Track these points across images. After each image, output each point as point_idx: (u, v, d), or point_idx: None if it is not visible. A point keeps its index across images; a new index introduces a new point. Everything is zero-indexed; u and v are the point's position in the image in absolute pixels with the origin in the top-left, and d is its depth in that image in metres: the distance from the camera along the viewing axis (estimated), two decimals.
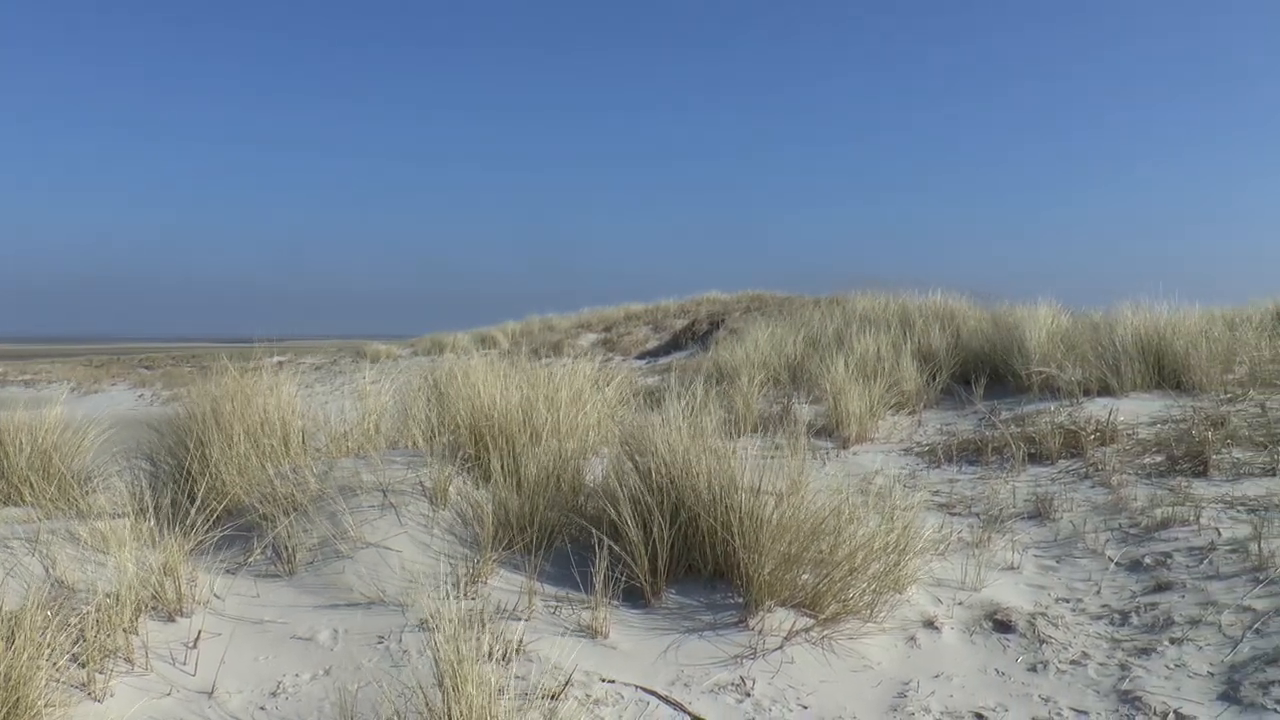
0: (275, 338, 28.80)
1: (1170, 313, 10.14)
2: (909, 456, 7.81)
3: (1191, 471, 6.53)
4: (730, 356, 11.48)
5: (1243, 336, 10.10)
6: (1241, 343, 9.88)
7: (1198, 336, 9.39)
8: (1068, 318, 11.16)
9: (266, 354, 8.28)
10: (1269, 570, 4.75)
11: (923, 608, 4.68)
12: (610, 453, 5.52)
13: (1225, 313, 11.88)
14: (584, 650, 3.94)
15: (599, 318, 32.43)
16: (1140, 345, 9.38)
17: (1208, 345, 9.28)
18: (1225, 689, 3.86)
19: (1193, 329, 9.57)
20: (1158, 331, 9.51)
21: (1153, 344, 9.40)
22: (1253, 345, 9.90)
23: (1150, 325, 9.66)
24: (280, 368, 6.93)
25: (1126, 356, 9.24)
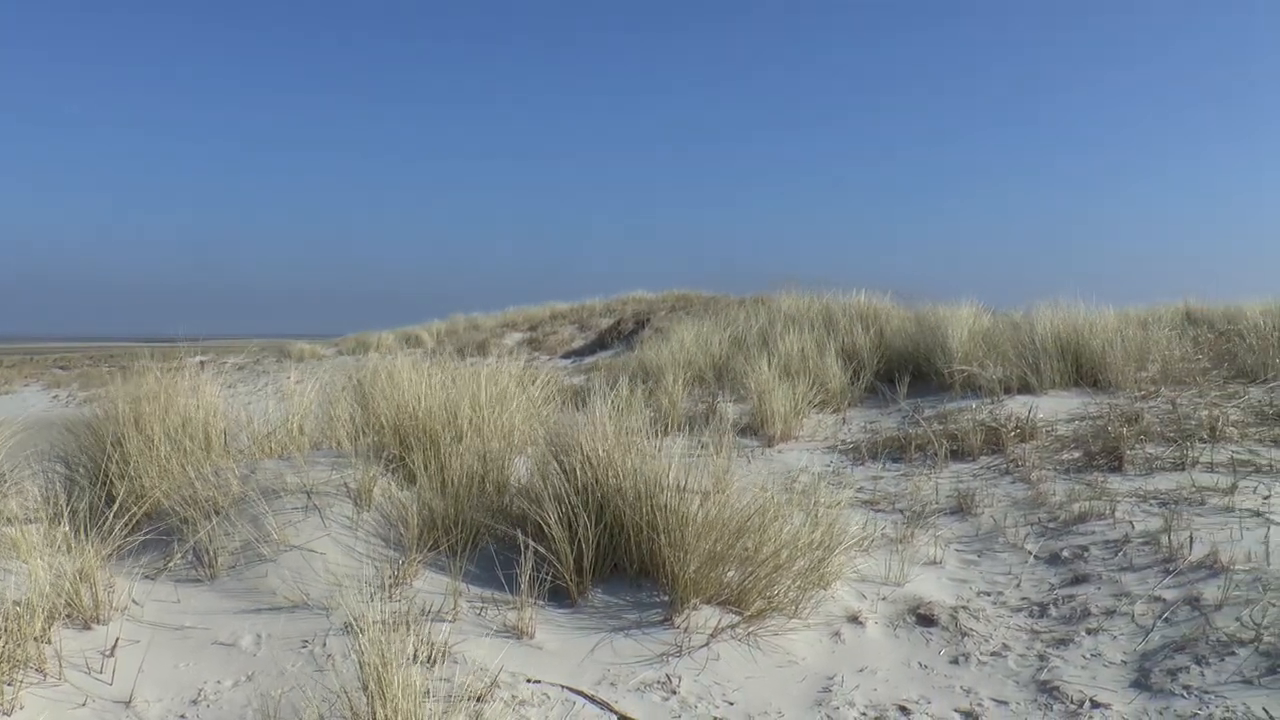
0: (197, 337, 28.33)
1: (1087, 313, 10.35)
2: (834, 454, 7.89)
3: (1107, 467, 6.67)
4: (656, 356, 11.51)
5: (1155, 336, 10.33)
6: (1154, 342, 10.10)
7: (1113, 336, 9.60)
8: (989, 317, 11.33)
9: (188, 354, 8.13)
10: (1178, 561, 4.88)
11: (847, 603, 4.73)
12: (535, 452, 5.51)
13: (1139, 313, 12.15)
14: (510, 651, 3.93)
15: (524, 317, 32.35)
16: (1059, 344, 9.56)
17: (1123, 344, 9.48)
18: (1137, 676, 3.97)
19: (1109, 329, 9.78)
20: (1076, 331, 9.70)
21: (1071, 343, 9.59)
22: (1164, 344, 10.13)
23: (1068, 325, 9.85)
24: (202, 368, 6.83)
25: (1046, 355, 9.41)
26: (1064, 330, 9.73)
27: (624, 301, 31.41)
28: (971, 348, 10.01)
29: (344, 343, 31.00)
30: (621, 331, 25.76)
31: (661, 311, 26.75)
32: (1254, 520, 5.33)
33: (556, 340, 27.94)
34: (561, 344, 27.40)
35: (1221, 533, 5.16)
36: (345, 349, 29.74)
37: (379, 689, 2.98)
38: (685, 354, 11.42)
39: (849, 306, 12.94)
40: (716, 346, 11.84)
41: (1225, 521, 5.35)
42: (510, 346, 26.08)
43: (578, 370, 17.66)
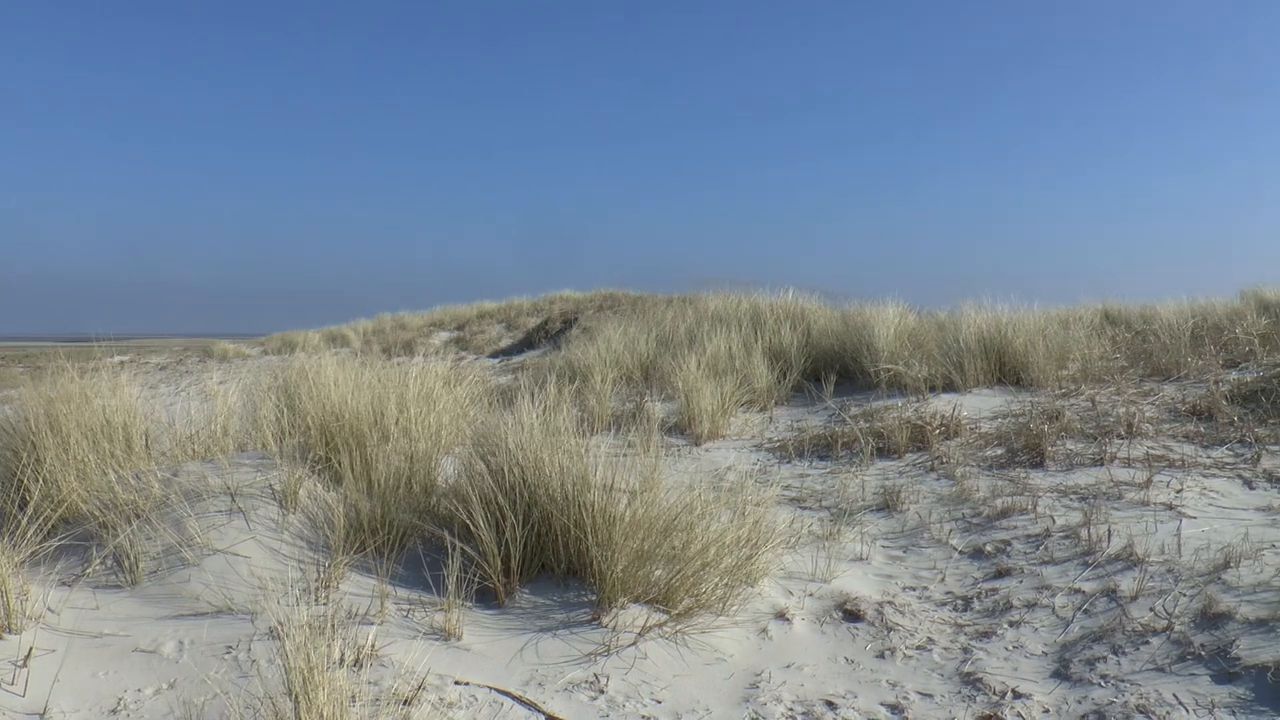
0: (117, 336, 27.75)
1: (1010, 313, 10.54)
2: (761, 452, 7.94)
3: (1029, 463, 6.80)
4: (583, 355, 11.50)
5: (1075, 335, 10.55)
6: (1074, 341, 10.31)
7: (1035, 335, 9.78)
8: (914, 317, 11.48)
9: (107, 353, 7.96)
10: (1097, 555, 5.00)
11: (774, 600, 4.76)
12: (463, 453, 5.48)
13: (1060, 313, 12.40)
14: (437, 653, 3.90)
15: (452, 316, 32.13)
16: (983, 343, 9.72)
17: (1044, 344, 9.66)
18: (1057, 667, 4.05)
19: (1031, 328, 9.96)
20: (999, 330, 9.87)
21: (994, 342, 9.75)
22: (1084, 344, 10.34)
23: (992, 324, 10.02)
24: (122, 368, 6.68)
25: (970, 354, 9.56)
26: (987, 330, 9.90)
27: (551, 301, 31.32)
28: (897, 347, 10.13)
29: (269, 342, 30.54)
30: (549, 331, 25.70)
31: (589, 311, 26.73)
32: (1167, 514, 5.47)
33: (484, 339, 27.79)
34: (489, 343, 27.26)
35: (1137, 526, 5.29)
36: (271, 348, 29.31)
37: (304, 694, 2.94)
38: (613, 353, 11.44)
39: (776, 306, 13.03)
40: (644, 346, 11.87)
41: (1141, 515, 5.48)
42: (438, 346, 25.89)
43: (505, 369, 17.60)
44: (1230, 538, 4.99)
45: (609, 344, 11.85)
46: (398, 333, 30.08)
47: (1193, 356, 9.59)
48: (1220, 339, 10.57)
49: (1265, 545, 4.85)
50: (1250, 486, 5.97)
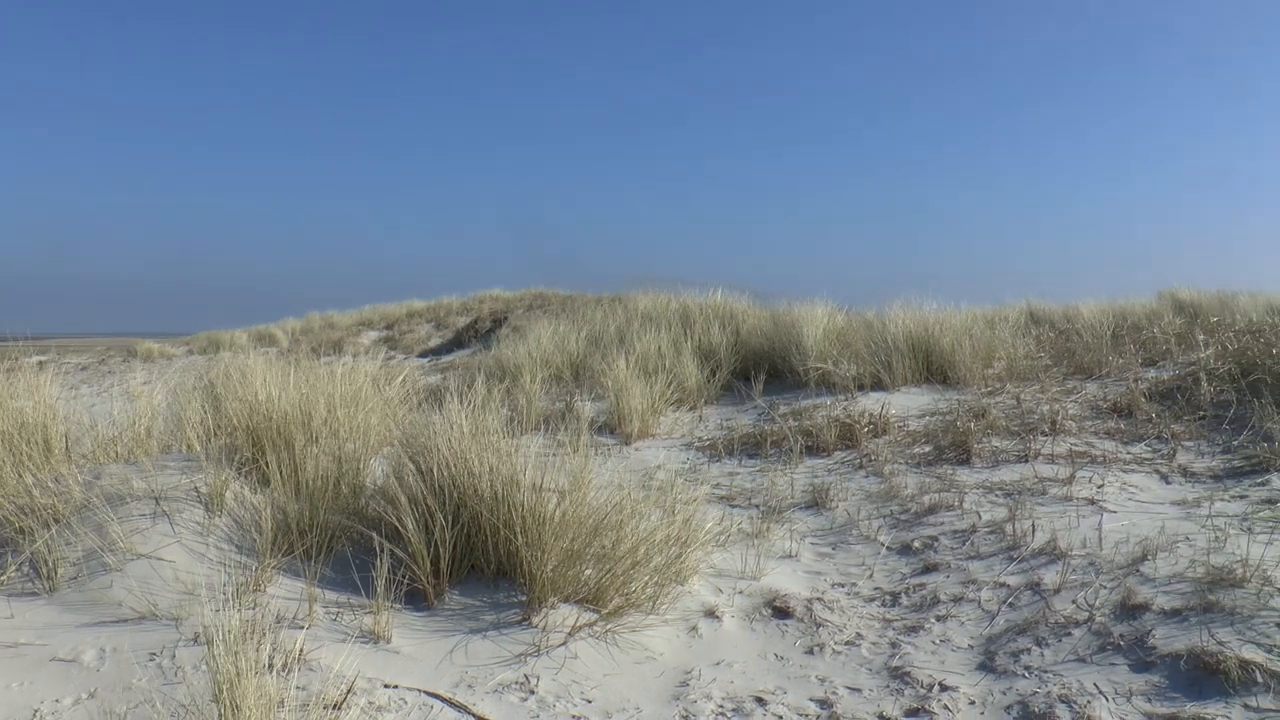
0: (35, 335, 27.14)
1: (937, 312, 10.69)
2: (691, 451, 7.97)
3: (956, 459, 6.89)
4: (513, 354, 11.48)
5: (1001, 335, 10.72)
6: (1000, 340, 10.48)
7: (962, 335, 9.92)
8: (843, 316, 11.60)
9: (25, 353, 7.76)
10: (1022, 549, 5.08)
11: (704, 598, 4.78)
12: (392, 453, 5.44)
13: (985, 313, 12.62)
14: (366, 656, 3.87)
15: (381, 315, 31.90)
16: (910, 343, 9.84)
17: (971, 343, 9.80)
18: (983, 660, 4.11)
19: (957, 328, 10.10)
20: (926, 330, 9.99)
21: (922, 341, 9.88)
22: (1009, 343, 10.52)
23: (919, 324, 10.15)
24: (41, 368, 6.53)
25: (898, 353, 9.67)
26: (915, 329, 10.02)
27: (481, 300, 31.20)
28: (826, 346, 10.22)
29: (195, 341, 30.05)
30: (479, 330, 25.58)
31: (519, 310, 26.65)
32: (1089, 508, 5.58)
33: (413, 339, 27.60)
34: (418, 342, 27.07)
35: (1061, 521, 5.39)
36: (196, 348, 28.84)
37: (231, 700, 2.90)
38: (543, 352, 11.43)
39: (706, 306, 13.10)
40: (574, 345, 11.87)
41: (1064, 510, 5.58)
42: (367, 345, 25.67)
43: (435, 369, 17.48)
44: (1148, 531, 5.10)
45: (539, 343, 11.83)
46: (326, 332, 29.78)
47: (1113, 355, 9.79)
48: (1139, 338, 10.81)
49: (1180, 538, 4.96)
50: (1167, 481, 6.11)
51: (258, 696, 2.91)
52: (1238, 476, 6.04)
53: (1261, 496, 5.58)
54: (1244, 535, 4.91)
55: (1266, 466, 6.04)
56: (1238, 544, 4.77)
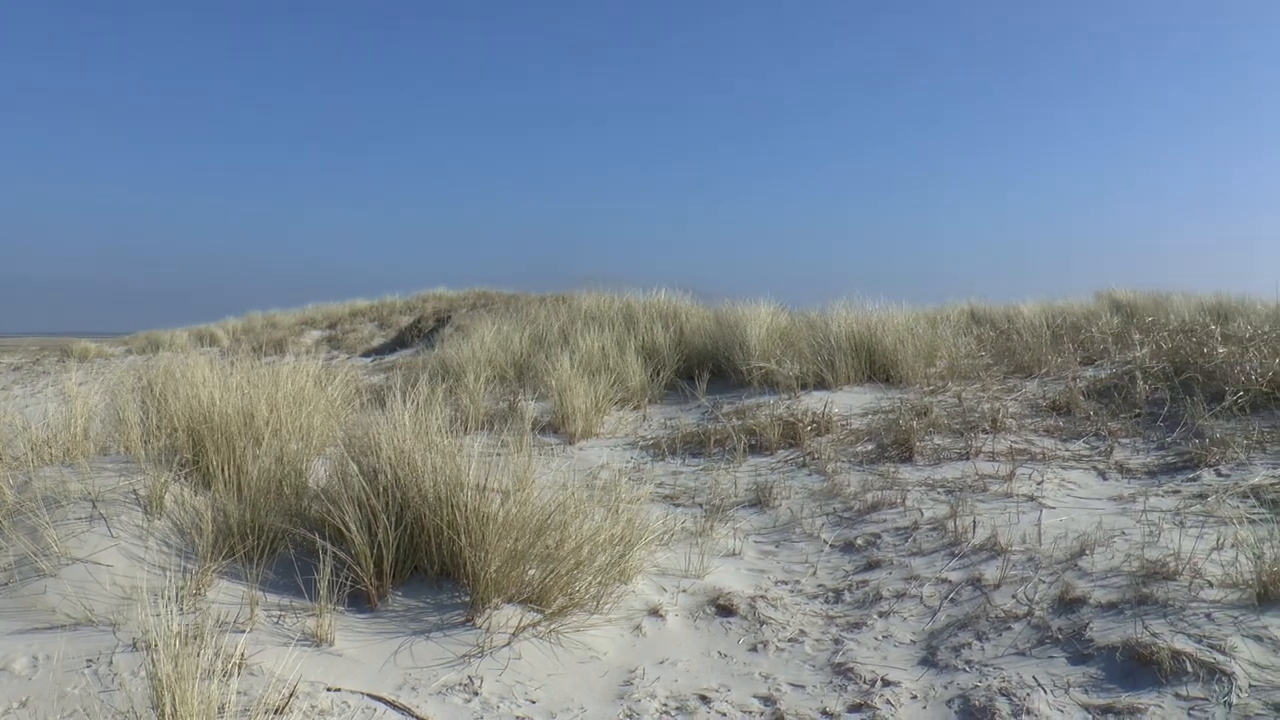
0: None
1: (880, 312, 10.77)
2: (634, 450, 7.98)
3: (898, 457, 6.95)
4: (457, 354, 11.44)
5: (943, 334, 10.83)
6: (942, 339, 10.58)
7: (904, 334, 10.00)
8: (786, 316, 11.65)
9: None
10: (963, 545, 5.14)
11: (648, 597, 4.78)
12: (335, 454, 5.39)
13: (928, 312, 12.75)
14: (309, 659, 3.83)
15: (324, 314, 31.59)
16: (853, 342, 9.90)
17: (913, 342, 9.89)
18: (925, 654, 4.15)
19: (900, 327, 10.18)
20: (869, 329, 10.07)
21: (864, 341, 9.95)
22: (951, 342, 10.62)
23: (862, 323, 10.22)
24: None
25: (841, 352, 9.73)
26: (858, 328, 10.09)
27: (425, 299, 30.99)
28: (769, 345, 10.26)
29: (134, 341, 29.59)
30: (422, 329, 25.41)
31: (463, 309, 26.51)
32: (1029, 504, 5.66)
33: (356, 338, 27.37)
34: (362, 342, 26.85)
35: (1001, 517, 5.45)
36: (135, 348, 28.40)
37: (171, 706, 2.86)
38: (486, 352, 11.39)
39: (649, 305, 13.11)
40: (518, 344, 11.84)
41: (1004, 506, 5.65)
42: (309, 345, 25.40)
43: (378, 368, 17.35)
44: (1086, 526, 5.18)
45: (482, 342, 11.79)
46: (269, 331, 29.45)
47: (1053, 354, 9.92)
48: (1078, 337, 10.95)
49: (1116, 533, 5.04)
50: (1104, 477, 6.20)
51: (198, 702, 2.87)
52: (1171, 472, 6.15)
53: (1193, 491, 5.69)
54: (1177, 529, 5.01)
55: (1198, 462, 6.16)
56: (1171, 538, 4.86)
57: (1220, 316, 11.83)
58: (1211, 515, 5.20)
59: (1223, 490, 5.60)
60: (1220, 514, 5.17)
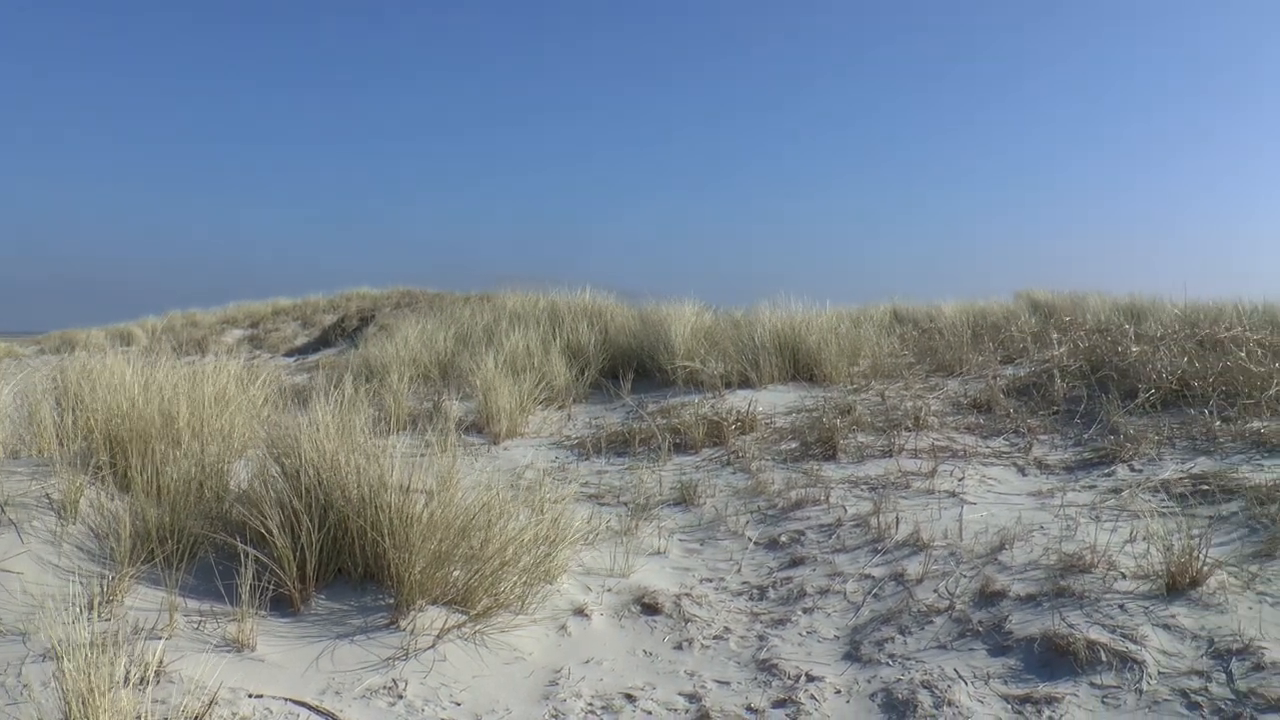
0: None
1: (804, 312, 10.84)
2: (559, 450, 7.96)
3: (822, 455, 7.01)
4: (381, 353, 11.33)
5: (866, 333, 10.94)
6: (865, 339, 10.69)
7: (828, 333, 10.08)
8: (711, 315, 11.69)
9: None
10: (886, 541, 5.20)
11: (573, 596, 4.78)
12: (256, 455, 5.31)
13: (851, 312, 12.86)
14: (230, 665, 3.76)
15: (246, 313, 31.05)
16: (777, 341, 9.96)
17: (837, 341, 9.98)
18: (849, 649, 4.20)
19: (824, 326, 10.27)
20: (793, 328, 10.13)
21: (789, 340, 10.01)
22: (874, 341, 10.73)
23: (786, 323, 10.28)
24: None
25: (765, 351, 9.78)
26: (782, 328, 10.15)
27: (348, 298, 30.59)
28: (694, 344, 10.29)
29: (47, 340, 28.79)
30: (346, 328, 25.12)
31: (387, 308, 26.26)
32: (950, 501, 5.74)
33: (279, 337, 26.99)
34: (284, 341, 26.48)
35: (923, 513, 5.53)
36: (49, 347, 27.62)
37: (84, 717, 2.79)
38: (410, 351, 11.30)
39: (574, 304, 13.09)
40: (442, 344, 11.75)
41: (926, 503, 5.73)
42: (231, 344, 25.01)
43: (301, 368, 17.12)
44: (1006, 521, 5.27)
45: (407, 342, 11.69)
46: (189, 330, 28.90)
47: (973, 353, 10.07)
48: (998, 337, 11.14)
49: (1035, 527, 5.14)
50: (1023, 473, 6.32)
51: (112, 712, 2.81)
52: (1087, 468, 6.28)
53: (1108, 486, 5.81)
54: (1092, 523, 5.12)
55: (1112, 458, 6.30)
56: (1087, 532, 4.97)
57: (1134, 317, 12.09)
58: (1125, 509, 5.32)
59: (1136, 485, 5.73)
60: (1133, 508, 5.29)
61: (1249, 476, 5.57)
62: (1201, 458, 6.11)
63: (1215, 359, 7.91)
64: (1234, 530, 4.89)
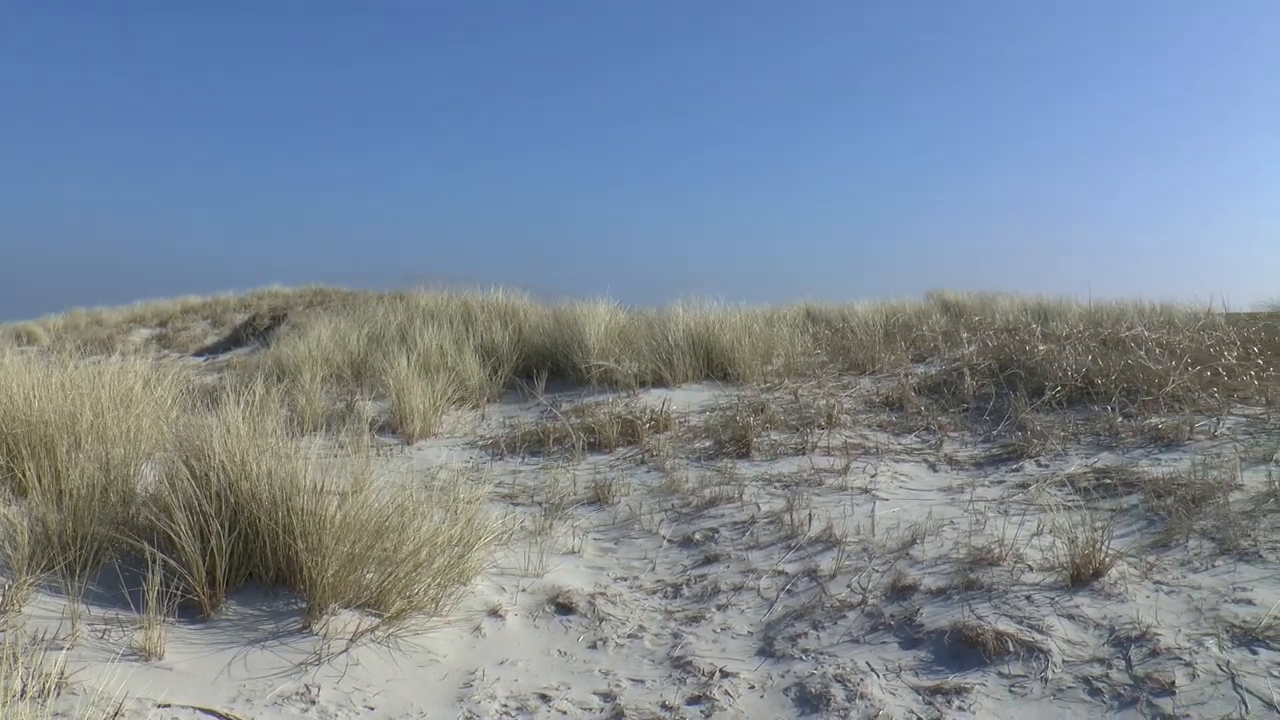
0: None
1: (718, 311, 10.92)
2: (474, 450, 7.91)
3: (736, 453, 7.05)
4: (293, 353, 11.17)
5: (779, 332, 11.04)
6: (779, 338, 10.79)
7: (742, 333, 10.15)
8: (625, 315, 11.70)
9: None
10: (799, 538, 5.25)
11: (488, 597, 4.75)
12: (164, 458, 5.20)
13: (765, 311, 12.97)
14: (137, 675, 3.67)
15: (154, 312, 30.44)
16: (691, 340, 10.00)
17: (750, 340, 10.05)
18: (762, 645, 4.23)
19: (737, 326, 10.34)
20: (707, 328, 10.18)
21: (702, 339, 10.05)
22: (787, 340, 10.84)
23: (700, 322, 10.33)
24: None
25: (679, 350, 9.81)
26: (696, 327, 10.20)
27: (260, 296, 30.15)
28: (608, 344, 10.30)
29: None
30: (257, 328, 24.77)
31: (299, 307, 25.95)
32: (863, 497, 5.81)
33: (188, 337, 26.51)
34: (194, 341, 26.02)
35: (836, 510, 5.59)
36: None
37: None
38: (323, 351, 11.16)
39: (488, 303, 13.04)
40: (355, 343, 11.63)
41: (839, 499, 5.79)
42: (138, 344, 24.47)
43: (212, 368, 16.84)
44: (917, 517, 5.36)
45: (319, 341, 11.55)
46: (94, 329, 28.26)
47: (886, 352, 10.21)
48: (909, 336, 11.30)
49: (945, 522, 5.24)
50: (934, 469, 6.42)
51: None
52: (996, 464, 6.40)
53: (1016, 481, 5.93)
54: (1001, 518, 5.23)
55: (1020, 454, 6.43)
56: (996, 526, 5.08)
57: (1041, 316, 12.39)
58: (1032, 503, 5.43)
59: (1042, 480, 5.85)
60: (1040, 502, 5.41)
61: (1148, 470, 5.73)
62: (1104, 453, 6.27)
63: (1117, 357, 8.13)
64: (1134, 522, 5.03)
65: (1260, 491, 5.09)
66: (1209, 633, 3.77)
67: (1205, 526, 4.75)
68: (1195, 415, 6.61)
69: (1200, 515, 4.89)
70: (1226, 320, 10.22)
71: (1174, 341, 8.68)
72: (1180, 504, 5.04)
